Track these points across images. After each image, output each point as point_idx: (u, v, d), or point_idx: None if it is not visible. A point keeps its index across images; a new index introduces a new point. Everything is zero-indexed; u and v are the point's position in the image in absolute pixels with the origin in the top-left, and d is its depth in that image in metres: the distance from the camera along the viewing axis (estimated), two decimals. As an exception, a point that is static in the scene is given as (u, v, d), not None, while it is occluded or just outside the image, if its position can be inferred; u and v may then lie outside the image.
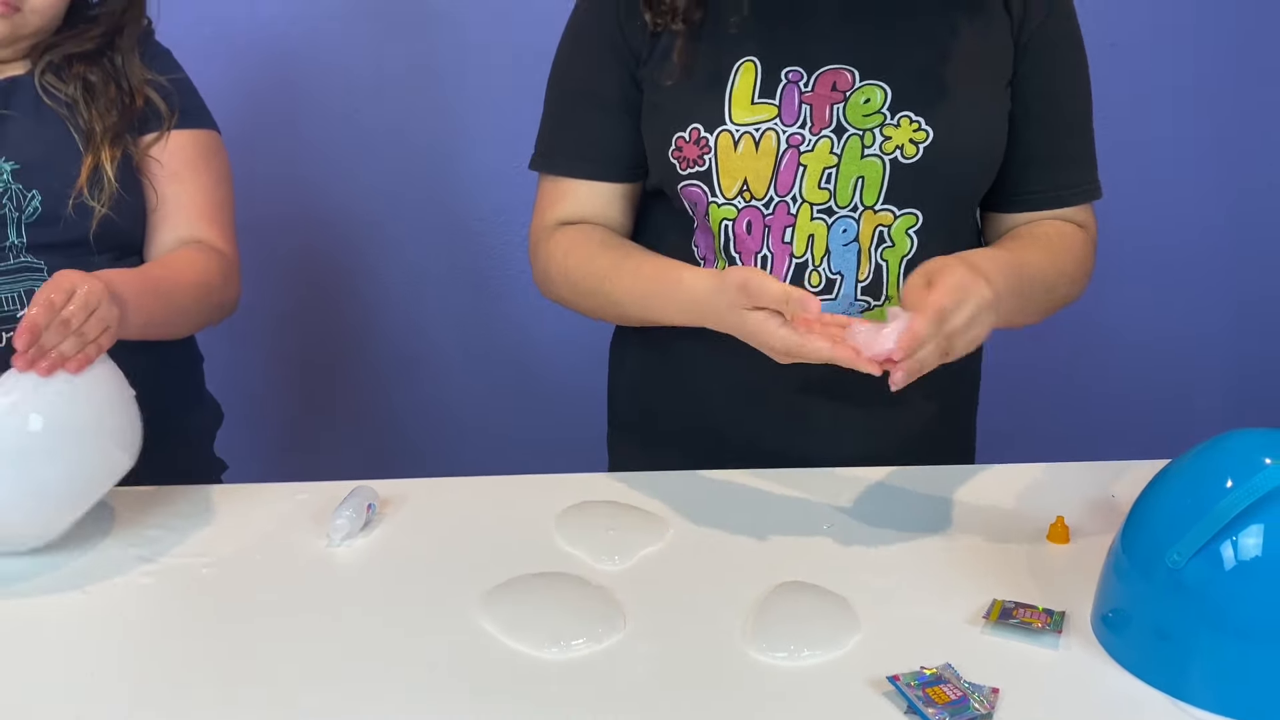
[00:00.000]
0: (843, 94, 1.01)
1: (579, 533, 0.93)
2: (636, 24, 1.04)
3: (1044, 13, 1.03)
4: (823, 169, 1.01)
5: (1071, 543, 0.92)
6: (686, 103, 1.02)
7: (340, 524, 0.92)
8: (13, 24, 1.06)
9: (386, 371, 1.85)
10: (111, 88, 1.12)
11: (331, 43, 1.69)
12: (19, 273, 1.07)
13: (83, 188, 1.07)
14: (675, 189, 1.05)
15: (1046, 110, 1.05)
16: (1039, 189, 1.07)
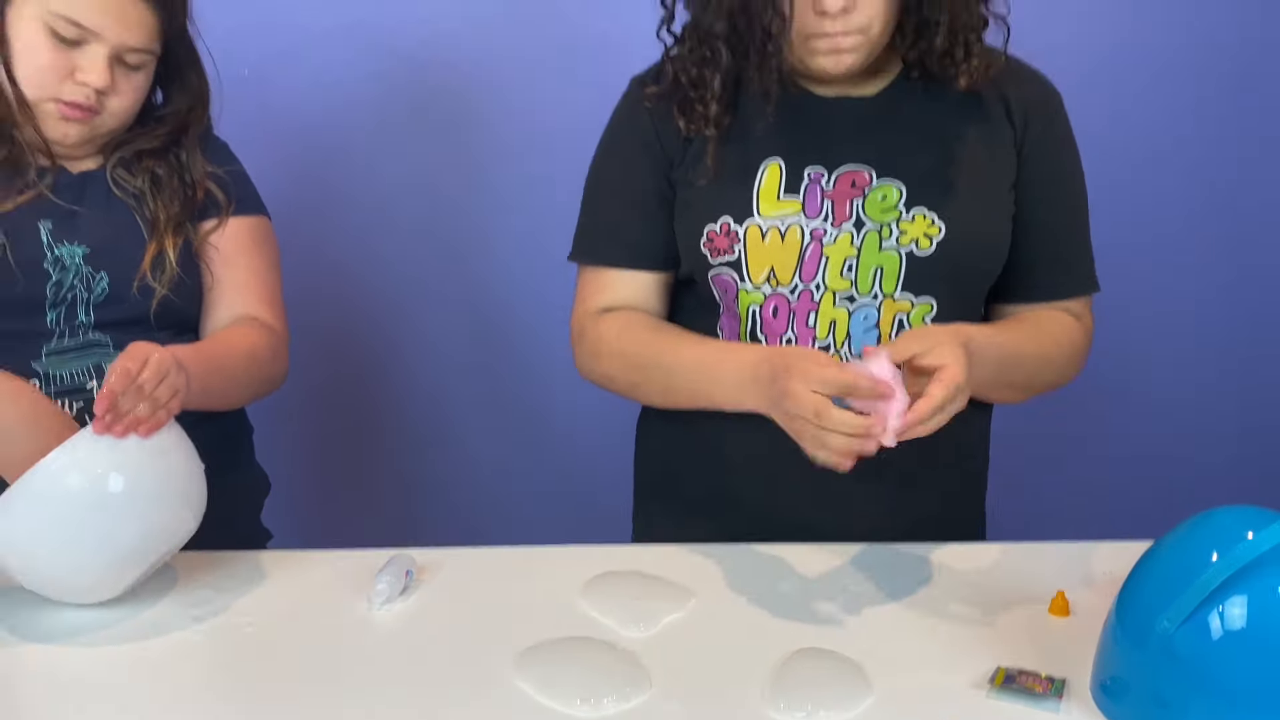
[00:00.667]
0: (861, 191, 1.09)
1: (606, 600, 0.98)
2: (670, 129, 1.13)
3: (1042, 125, 1.13)
4: (844, 259, 1.09)
5: (1072, 615, 0.97)
6: (717, 199, 1.11)
7: (381, 589, 0.98)
8: (91, 126, 1.15)
9: (414, 447, 1.91)
10: (175, 180, 1.21)
11: (369, 138, 1.80)
12: (88, 348, 1.15)
13: (146, 272, 1.16)
14: (706, 276, 1.13)
15: (1047, 213, 1.13)
16: (1040, 283, 1.15)
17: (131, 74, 1.14)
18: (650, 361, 1.13)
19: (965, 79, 1.08)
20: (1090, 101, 1.50)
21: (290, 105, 1.78)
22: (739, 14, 1.03)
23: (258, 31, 1.73)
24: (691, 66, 1.10)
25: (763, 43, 1.03)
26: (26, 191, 1.14)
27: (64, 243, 1.14)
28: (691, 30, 1.09)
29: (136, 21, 1.12)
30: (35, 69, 1.11)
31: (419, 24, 1.75)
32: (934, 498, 1.17)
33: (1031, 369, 1.11)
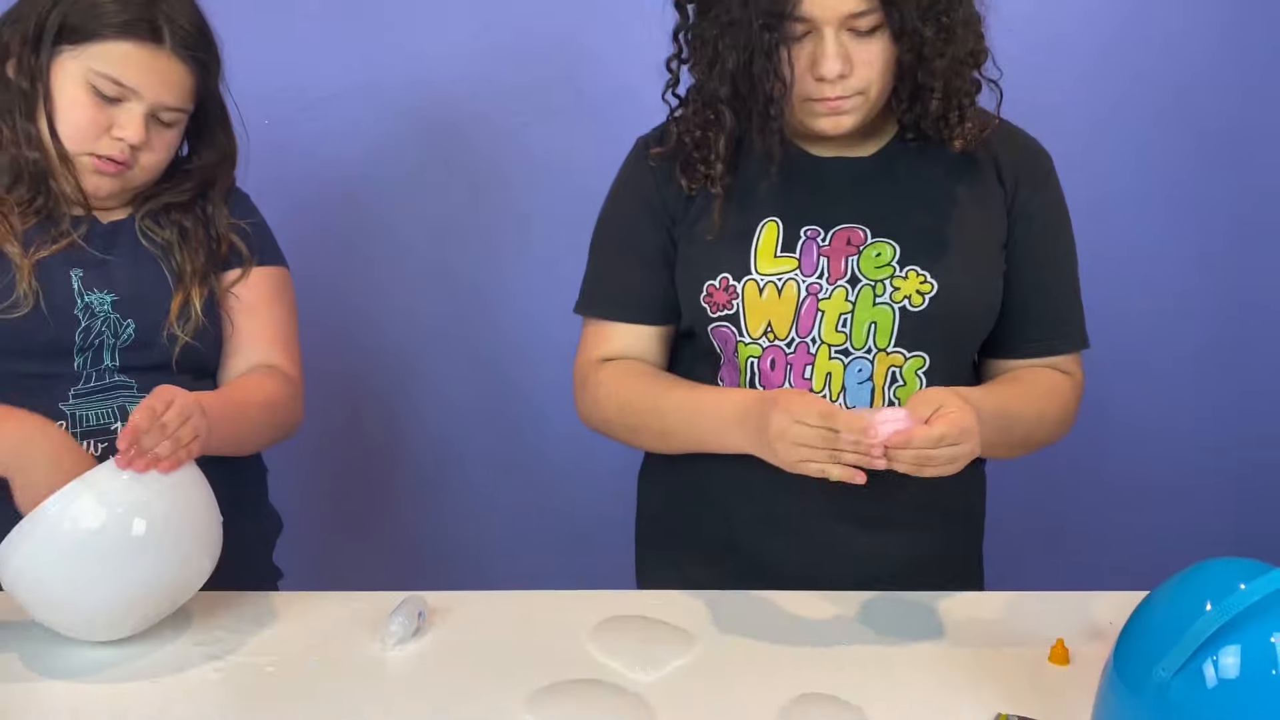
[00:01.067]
0: (856, 249, 1.13)
1: (614, 644, 1.00)
2: (673, 188, 1.17)
3: (1033, 187, 1.17)
4: (839, 314, 1.12)
5: (1072, 664, 0.98)
6: (717, 255, 1.15)
7: (394, 629, 1.00)
8: (123, 180, 1.18)
9: (423, 491, 1.94)
10: (202, 233, 1.24)
11: (390, 192, 1.84)
12: (113, 390, 1.18)
13: (173, 321, 1.19)
14: (706, 330, 1.16)
15: (1037, 272, 1.17)
16: (1031, 340, 1.18)
17: (165, 130, 1.18)
18: (646, 407, 1.17)
19: (960, 142, 1.12)
20: (1084, 150, 1.56)
21: (307, 157, 1.83)
22: (741, 79, 1.07)
23: (278, 87, 1.79)
24: (695, 128, 1.13)
25: (765, 106, 1.07)
26: (60, 240, 1.17)
27: (93, 290, 1.17)
28: (695, 93, 1.13)
29: (176, 82, 1.16)
30: (75, 124, 1.15)
31: (430, 83, 1.81)
32: (932, 545, 1.19)
33: (1026, 428, 1.14)
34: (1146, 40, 1.77)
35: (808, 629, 1.04)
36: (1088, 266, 1.22)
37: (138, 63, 1.13)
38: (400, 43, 1.80)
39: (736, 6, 1.04)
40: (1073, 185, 1.21)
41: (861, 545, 1.15)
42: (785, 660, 0.99)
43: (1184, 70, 1.79)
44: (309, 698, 0.92)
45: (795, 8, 1.03)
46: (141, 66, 1.13)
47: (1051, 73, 1.74)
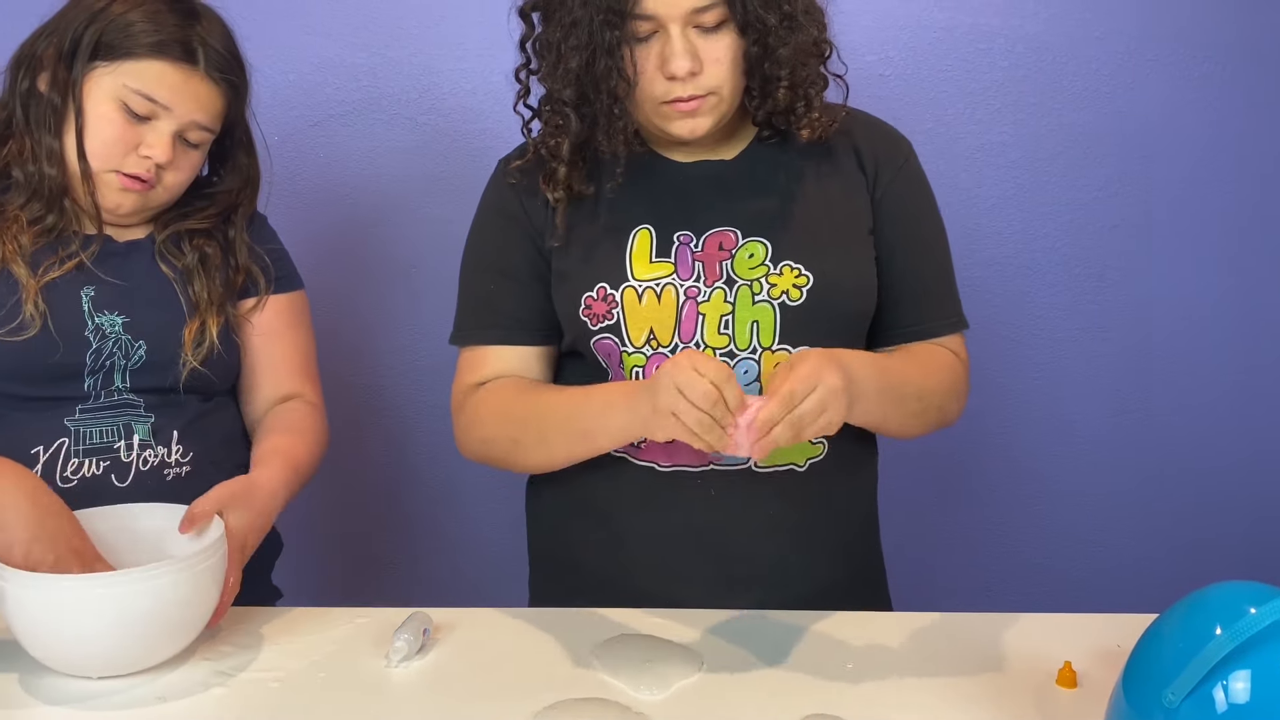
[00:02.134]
0: (729, 252, 1.13)
1: (618, 663, 1.00)
2: (537, 203, 1.16)
3: (893, 171, 1.17)
4: (720, 316, 1.12)
5: (1079, 688, 0.98)
6: (592, 266, 1.14)
7: (399, 646, 1.00)
8: (146, 198, 1.18)
9: (422, 510, 1.94)
10: (220, 260, 1.24)
11: (399, 207, 1.85)
12: (120, 408, 1.18)
13: (187, 348, 1.19)
14: (588, 345, 1.14)
15: (907, 255, 1.17)
16: (909, 324, 1.18)
17: (190, 151, 1.19)
18: (524, 414, 1.14)
19: (808, 131, 1.12)
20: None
21: (318, 173, 1.84)
22: (585, 79, 1.07)
23: (290, 103, 1.80)
24: (549, 137, 1.13)
25: (609, 106, 1.07)
26: (69, 260, 1.17)
27: (104, 311, 1.17)
28: (545, 100, 1.13)
29: (207, 103, 1.17)
30: (104, 140, 1.14)
31: (440, 98, 1.82)
32: (828, 553, 1.17)
33: (917, 395, 1.12)
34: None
35: (815, 649, 1.04)
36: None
37: (171, 82, 1.14)
38: (410, 58, 1.81)
39: (578, 7, 1.04)
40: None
41: (753, 565, 1.14)
42: (792, 681, 0.98)
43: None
44: (315, 714, 0.92)
45: (637, 5, 1.03)
46: (174, 86, 1.14)
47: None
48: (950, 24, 1.77)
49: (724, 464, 1.12)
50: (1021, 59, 1.79)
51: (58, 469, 1.14)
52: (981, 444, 1.86)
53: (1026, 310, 1.84)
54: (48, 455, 1.14)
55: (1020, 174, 1.81)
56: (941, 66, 1.79)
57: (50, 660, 0.96)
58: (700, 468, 1.13)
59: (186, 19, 1.16)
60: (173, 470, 1.19)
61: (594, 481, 1.16)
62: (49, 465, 1.14)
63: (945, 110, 1.77)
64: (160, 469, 1.18)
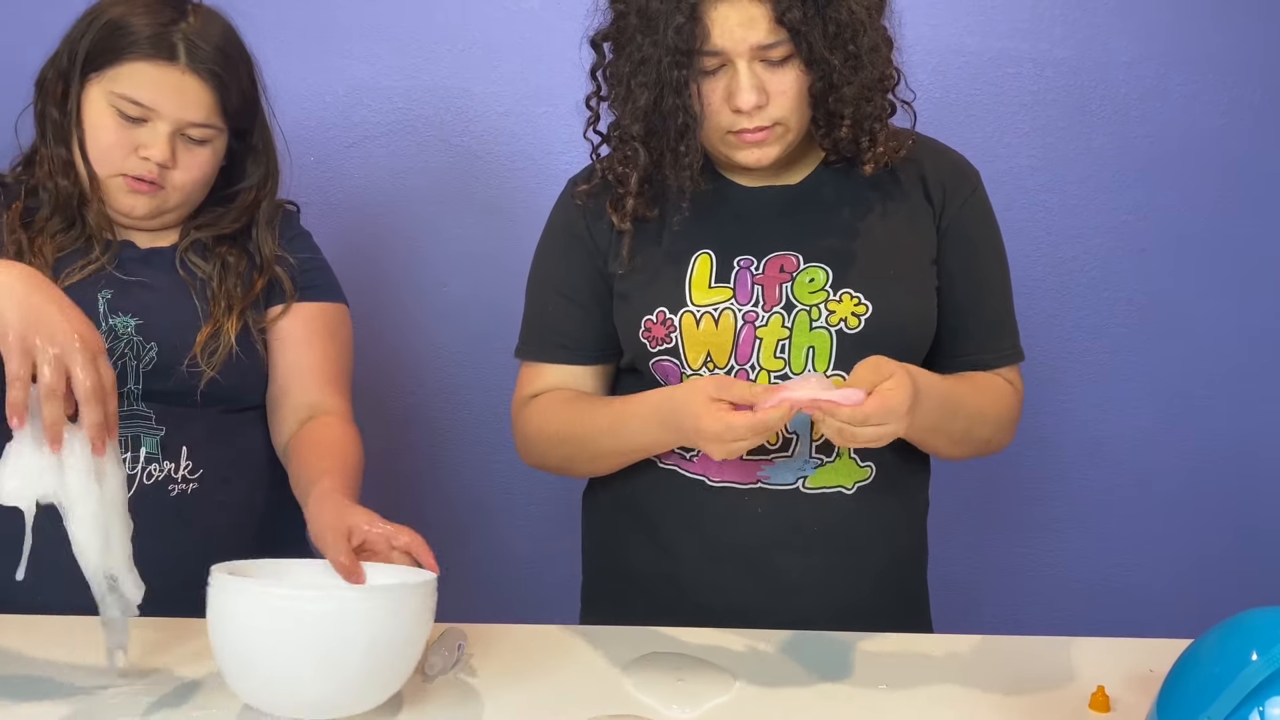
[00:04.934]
0: (790, 275, 1.14)
1: (650, 681, 1.01)
2: (603, 225, 1.18)
3: (960, 201, 1.18)
4: (776, 341, 1.13)
5: (1112, 711, 0.98)
6: (652, 290, 1.16)
7: (435, 661, 1.01)
8: (158, 200, 1.19)
9: (453, 528, 1.95)
10: (245, 265, 1.24)
11: (428, 226, 1.88)
12: (131, 419, 1.17)
13: (198, 352, 1.18)
14: (647, 365, 1.17)
15: (969, 285, 1.18)
16: (969, 353, 1.19)
17: (195, 148, 1.18)
18: (572, 433, 1.17)
19: (871, 165, 1.13)
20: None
21: (352, 193, 1.87)
22: (654, 115, 1.08)
23: (326, 124, 1.83)
24: (616, 165, 1.15)
25: (676, 142, 1.09)
26: (90, 265, 1.18)
27: (119, 313, 1.18)
28: (613, 129, 1.15)
29: (194, 99, 1.16)
30: (101, 146, 1.17)
31: (476, 119, 1.85)
32: (873, 575, 1.18)
33: (968, 420, 1.14)
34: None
35: (850, 669, 1.04)
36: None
37: (153, 81, 1.14)
38: (443, 81, 1.84)
39: (648, 45, 1.06)
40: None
41: (798, 577, 1.15)
42: (825, 702, 0.98)
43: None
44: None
45: (705, 42, 1.04)
46: (157, 85, 1.14)
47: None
48: (979, 48, 1.79)
49: (772, 483, 1.14)
50: (1050, 83, 1.80)
51: None
52: (1013, 467, 1.86)
53: (1055, 333, 1.85)
54: None
55: (1049, 197, 1.82)
56: (970, 90, 1.80)
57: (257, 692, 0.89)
58: (749, 485, 1.14)
59: (171, 17, 1.16)
60: (178, 486, 1.19)
61: (645, 493, 1.19)
62: None
63: (973, 134, 1.79)
64: (165, 484, 1.18)
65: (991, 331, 1.20)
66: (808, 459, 1.14)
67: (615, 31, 1.10)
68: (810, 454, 1.14)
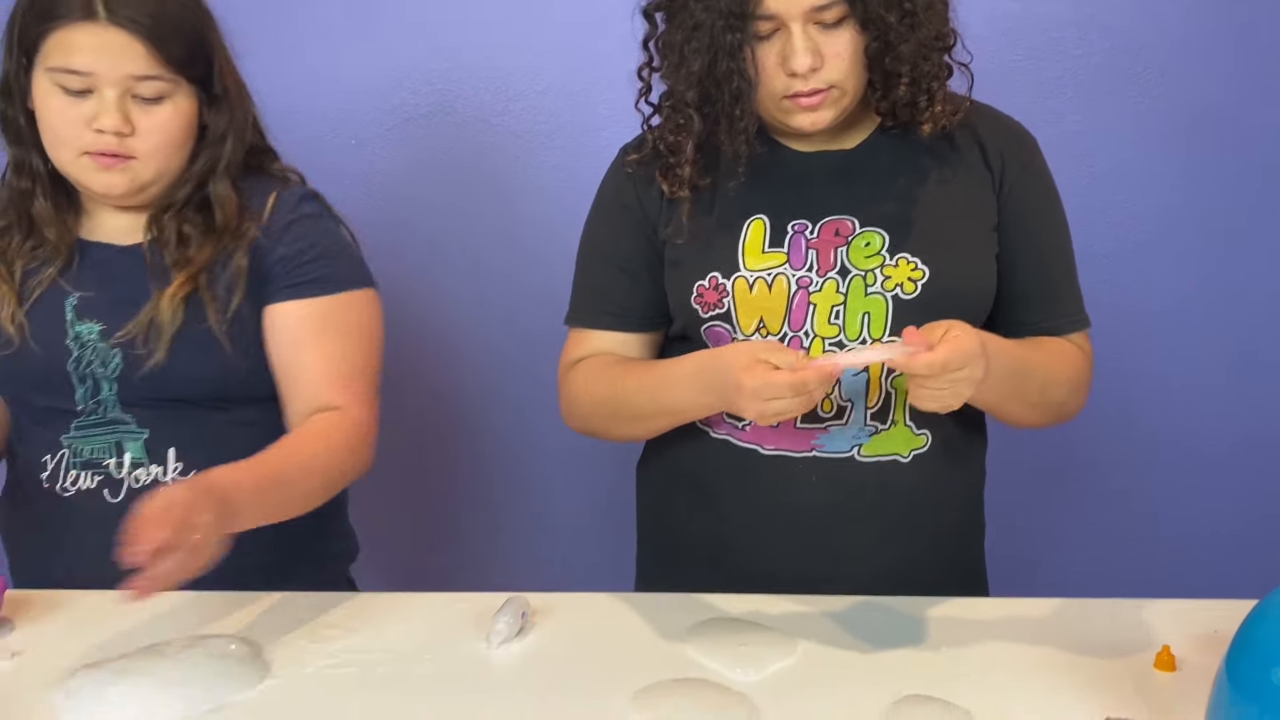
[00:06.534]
0: (845, 239, 1.13)
1: (714, 646, 1.02)
2: (653, 194, 1.18)
3: (1019, 167, 1.16)
4: (831, 306, 1.12)
5: (1178, 670, 0.98)
6: (704, 256, 1.15)
7: (500, 628, 1.02)
8: (131, 173, 1.12)
9: (501, 498, 1.97)
10: (202, 235, 1.15)
11: (467, 206, 1.89)
12: (110, 424, 1.17)
13: (137, 337, 1.12)
14: (699, 331, 1.16)
15: (1031, 252, 1.16)
16: (1034, 320, 1.17)
17: (151, 108, 1.11)
18: (614, 394, 1.17)
19: (930, 125, 1.11)
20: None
21: (396, 176, 1.88)
22: (708, 81, 1.08)
23: (367, 108, 1.84)
24: (668, 134, 1.14)
25: (731, 107, 1.08)
26: (49, 271, 1.16)
27: (84, 319, 1.16)
28: (666, 98, 1.14)
29: (126, 52, 1.09)
30: (55, 129, 1.11)
31: (514, 98, 1.85)
32: (929, 544, 1.17)
33: (1041, 383, 1.12)
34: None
35: (910, 634, 1.04)
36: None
37: (80, 43, 1.08)
38: (481, 61, 1.84)
39: (700, 10, 1.05)
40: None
41: (854, 544, 1.15)
42: (887, 664, 0.99)
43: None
44: (423, 692, 0.95)
45: (758, 6, 1.03)
46: (85, 47, 1.08)
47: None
48: (1022, 12, 1.77)
49: (826, 451, 1.14)
50: (1095, 46, 1.78)
51: (59, 479, 1.18)
52: (1077, 433, 1.84)
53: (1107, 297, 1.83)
54: (52, 466, 1.18)
55: (1094, 161, 1.80)
56: (1012, 56, 1.78)
57: None
58: (803, 453, 1.14)
59: None
60: None
61: (699, 460, 1.19)
62: (52, 476, 1.18)
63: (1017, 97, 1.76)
64: (153, 486, 1.15)
65: (1057, 297, 1.18)
66: (863, 426, 1.13)
67: (668, 1, 1.10)
68: (865, 421, 1.13)
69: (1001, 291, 1.16)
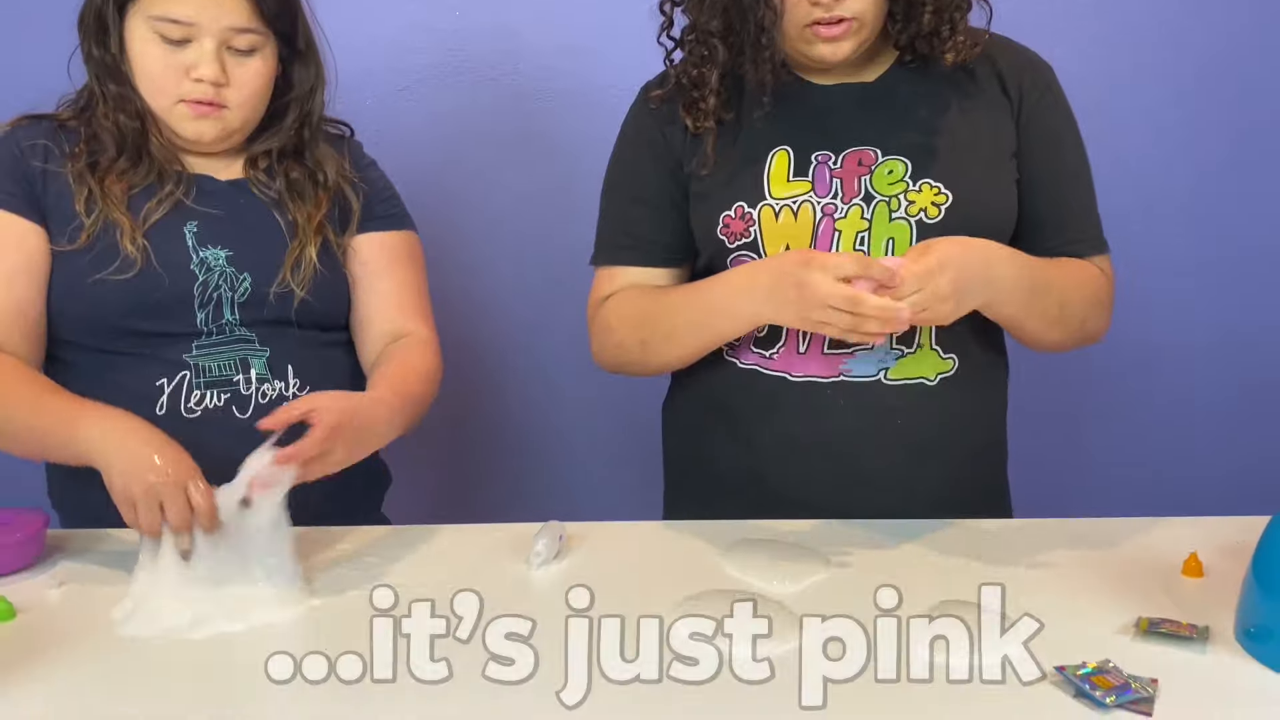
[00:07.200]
0: (868, 168, 1.15)
1: (748, 563, 1.04)
2: (677, 129, 1.20)
3: (1037, 95, 1.18)
4: (856, 233, 1.14)
5: (1205, 577, 1.00)
6: (730, 187, 1.17)
7: (540, 550, 1.04)
8: (223, 121, 1.19)
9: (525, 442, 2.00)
10: (309, 183, 1.26)
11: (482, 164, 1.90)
12: (235, 343, 1.21)
13: (287, 274, 1.21)
14: (725, 261, 1.18)
15: (1053, 177, 1.18)
16: (1054, 244, 1.19)
17: (245, 60, 1.18)
18: (651, 312, 1.19)
19: (952, 54, 1.13)
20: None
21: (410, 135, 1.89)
22: (733, 10, 1.09)
23: (380, 67, 1.85)
24: (691, 67, 1.16)
25: (756, 36, 1.09)
26: (167, 200, 1.19)
27: (208, 246, 1.20)
28: (689, 32, 1.16)
29: (229, 3, 1.15)
30: (153, 76, 1.17)
31: (526, 57, 1.86)
32: (955, 467, 1.19)
33: (1061, 298, 1.14)
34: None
35: (940, 553, 1.07)
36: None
37: None
38: (492, 19, 1.85)
39: None
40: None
41: (883, 471, 1.17)
42: (919, 576, 1.00)
43: None
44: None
45: None
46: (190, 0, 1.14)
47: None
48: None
49: (854, 376, 1.15)
50: None
51: (181, 400, 1.19)
52: (1086, 363, 1.86)
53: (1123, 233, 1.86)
54: (171, 387, 1.19)
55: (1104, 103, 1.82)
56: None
57: None
58: (830, 379, 1.16)
59: None
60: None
61: (727, 390, 1.20)
62: (173, 397, 1.19)
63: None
64: (279, 401, 1.20)
65: (1078, 220, 1.20)
66: (889, 349, 1.15)
67: None
68: (891, 344, 1.15)
69: (1022, 216, 1.18)
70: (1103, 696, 0.78)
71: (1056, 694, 0.80)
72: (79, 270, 1.17)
